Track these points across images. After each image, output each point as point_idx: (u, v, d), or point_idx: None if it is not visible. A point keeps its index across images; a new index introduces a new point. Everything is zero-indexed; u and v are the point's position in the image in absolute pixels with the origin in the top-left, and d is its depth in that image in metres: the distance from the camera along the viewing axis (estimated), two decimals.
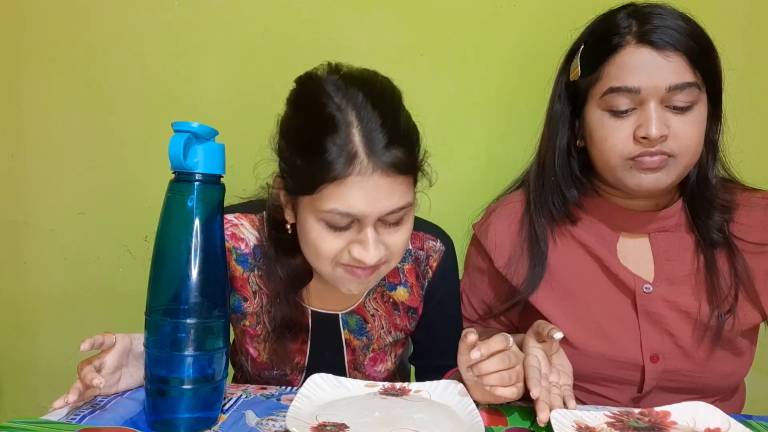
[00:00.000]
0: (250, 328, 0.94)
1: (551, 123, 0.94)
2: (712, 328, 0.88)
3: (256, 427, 0.72)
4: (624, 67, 0.82)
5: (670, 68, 0.80)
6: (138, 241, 1.49)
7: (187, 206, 0.69)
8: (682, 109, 0.81)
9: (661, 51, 0.80)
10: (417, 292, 0.96)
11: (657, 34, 0.80)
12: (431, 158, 0.86)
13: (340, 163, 0.71)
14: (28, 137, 1.47)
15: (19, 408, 1.56)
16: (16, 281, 1.52)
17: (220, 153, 0.71)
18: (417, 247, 0.95)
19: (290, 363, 0.96)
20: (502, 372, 0.73)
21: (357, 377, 0.96)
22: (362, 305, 0.95)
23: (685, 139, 0.81)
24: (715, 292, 0.88)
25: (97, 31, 1.42)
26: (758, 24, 1.32)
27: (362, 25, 1.39)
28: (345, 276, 0.79)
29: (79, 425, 0.69)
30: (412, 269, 0.95)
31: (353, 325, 0.95)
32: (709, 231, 0.89)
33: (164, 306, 0.70)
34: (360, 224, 0.75)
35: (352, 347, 0.96)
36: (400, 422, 0.71)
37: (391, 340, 0.97)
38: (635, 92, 0.81)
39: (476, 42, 1.39)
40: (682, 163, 0.83)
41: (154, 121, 1.45)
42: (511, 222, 0.98)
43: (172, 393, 0.70)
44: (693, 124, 0.82)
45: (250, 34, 1.41)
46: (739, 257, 0.89)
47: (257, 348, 0.95)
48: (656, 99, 0.80)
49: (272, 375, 0.97)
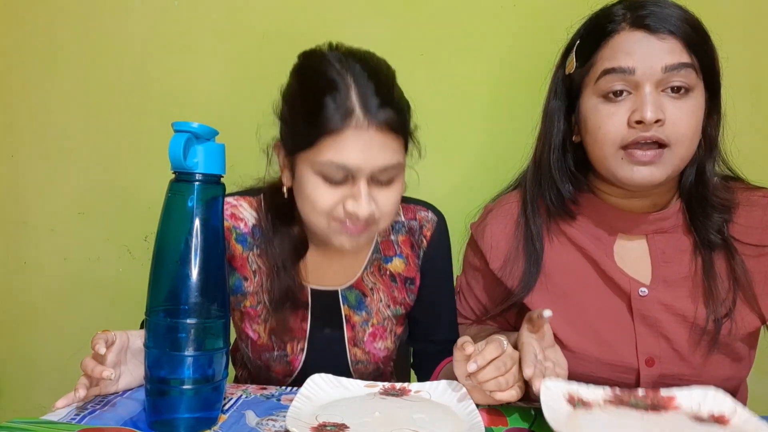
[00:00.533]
0: (250, 308, 0.95)
1: (547, 119, 0.94)
2: (709, 332, 0.86)
3: (256, 427, 0.72)
4: (618, 49, 0.81)
5: (665, 48, 0.79)
6: (138, 241, 1.49)
7: (187, 206, 0.70)
8: (678, 91, 0.79)
9: (656, 33, 0.79)
10: (413, 261, 0.98)
11: (651, 18, 0.80)
12: (430, 156, 0.87)
13: (338, 118, 0.77)
14: (28, 137, 1.47)
15: (19, 408, 1.56)
16: (16, 281, 1.52)
17: (220, 153, 0.71)
18: (409, 218, 0.99)
19: (290, 338, 0.96)
20: (499, 378, 0.75)
21: (357, 354, 0.98)
22: (360, 280, 0.97)
23: (680, 126, 0.80)
24: (713, 295, 0.87)
25: (97, 31, 1.42)
26: (758, 20, 1.32)
27: (362, 24, 1.39)
28: (338, 230, 0.83)
29: (79, 425, 0.69)
30: (406, 240, 0.98)
31: (352, 300, 0.97)
32: (708, 232, 0.88)
33: (164, 306, 0.70)
34: (354, 179, 0.80)
35: (352, 323, 0.97)
36: (399, 422, 0.71)
37: (390, 314, 0.98)
38: (629, 73, 0.79)
39: (476, 42, 1.39)
40: (678, 154, 0.81)
41: (154, 121, 1.45)
42: (507, 223, 0.98)
43: (172, 393, 0.70)
44: (689, 112, 0.80)
45: (250, 34, 1.41)
46: (737, 260, 0.88)
47: (257, 330, 0.96)
48: (651, 82, 0.79)
49: (273, 356, 0.97)
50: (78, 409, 0.73)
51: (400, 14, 1.39)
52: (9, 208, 1.49)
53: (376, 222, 0.84)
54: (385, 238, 0.99)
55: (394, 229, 0.99)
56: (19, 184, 1.49)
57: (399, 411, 0.75)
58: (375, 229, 0.86)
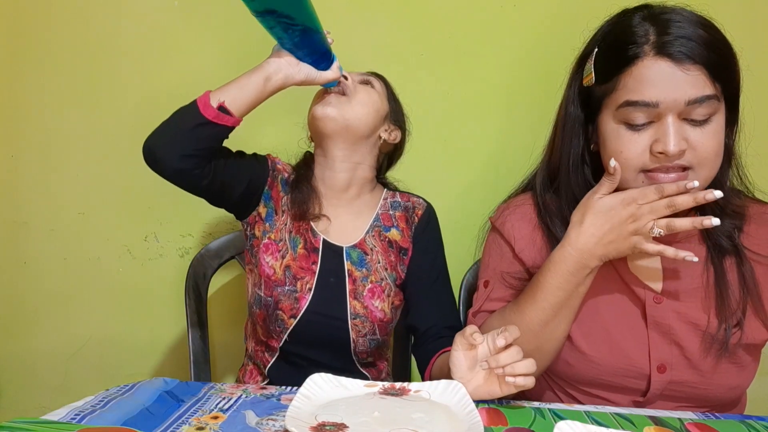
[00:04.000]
0: (273, 242, 1.09)
1: (565, 129, 0.92)
2: (720, 340, 0.86)
3: (256, 427, 0.72)
4: (642, 80, 0.79)
5: (689, 81, 0.77)
6: (138, 241, 1.49)
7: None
8: (700, 122, 0.79)
9: (680, 63, 0.77)
10: (407, 233, 1.13)
11: (676, 45, 0.77)
12: (430, 156, 0.87)
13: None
14: (28, 137, 1.47)
15: (19, 408, 1.56)
16: (16, 281, 1.52)
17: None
18: (404, 200, 1.16)
19: (300, 277, 1.07)
20: (518, 362, 0.79)
21: (356, 307, 1.06)
22: (363, 240, 1.11)
23: (702, 151, 0.79)
24: (724, 305, 0.87)
25: (97, 31, 1.42)
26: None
27: (362, 25, 1.39)
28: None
29: (79, 425, 0.69)
30: (402, 216, 1.15)
31: (355, 257, 1.10)
32: (719, 237, 0.88)
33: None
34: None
35: (353, 277, 1.08)
36: (399, 422, 0.71)
37: (386, 276, 1.09)
38: (653, 106, 0.79)
39: (476, 42, 1.39)
40: (701, 175, 0.81)
41: (154, 120, 1.44)
42: (525, 223, 0.98)
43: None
44: (711, 135, 0.79)
45: (250, 34, 1.41)
46: (747, 267, 0.87)
47: (273, 266, 1.07)
48: (674, 113, 0.78)
49: (283, 291, 1.06)
50: (78, 409, 0.73)
51: (400, 14, 1.39)
52: (9, 208, 1.50)
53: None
54: (385, 212, 1.14)
55: (393, 206, 1.15)
56: (19, 184, 1.49)
57: (398, 411, 0.75)
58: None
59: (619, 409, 0.83)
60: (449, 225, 1.24)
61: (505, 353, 0.79)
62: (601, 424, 0.76)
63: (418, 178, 1.35)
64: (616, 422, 0.77)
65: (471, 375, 0.82)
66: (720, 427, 0.78)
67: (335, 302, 1.06)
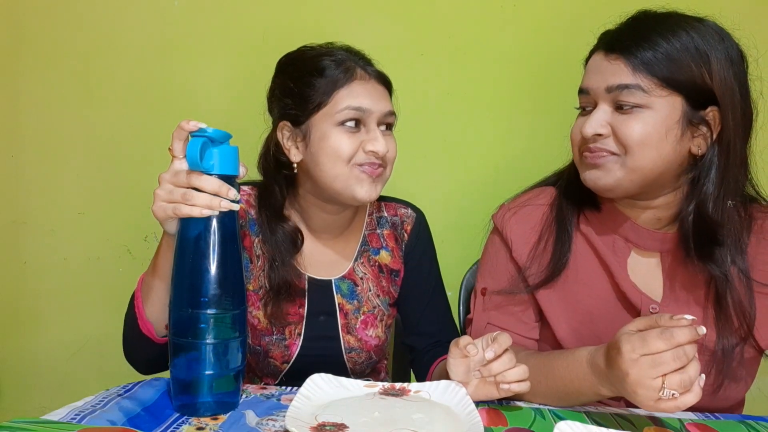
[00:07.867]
0: (253, 292, 1.01)
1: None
2: (717, 355, 0.85)
3: (256, 427, 0.72)
4: (587, 71, 0.89)
5: (610, 70, 0.83)
6: (138, 241, 1.49)
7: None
8: (626, 110, 0.82)
9: (608, 55, 0.84)
10: (397, 254, 1.08)
11: (611, 39, 0.85)
12: (430, 156, 0.87)
13: (343, 74, 0.92)
14: (28, 137, 1.47)
15: (19, 408, 1.56)
16: (16, 281, 1.52)
17: (234, 155, 0.75)
18: (391, 214, 1.09)
19: (288, 323, 1.01)
20: (511, 370, 0.78)
21: (350, 341, 1.03)
22: (352, 270, 1.05)
23: (622, 137, 0.82)
24: (722, 320, 0.86)
25: (97, 31, 1.42)
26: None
27: (362, 24, 1.39)
28: (360, 176, 0.92)
29: (79, 425, 0.69)
30: (390, 234, 1.08)
31: (345, 289, 1.04)
32: (712, 268, 0.85)
33: (187, 299, 0.73)
34: (367, 125, 0.93)
35: (345, 311, 1.03)
36: (399, 422, 0.71)
37: (378, 303, 1.05)
38: (585, 93, 0.87)
39: (476, 42, 1.39)
40: (628, 164, 0.82)
41: (154, 120, 1.45)
42: (531, 221, 0.97)
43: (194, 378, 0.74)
44: (634, 123, 0.81)
45: (250, 34, 1.41)
46: (739, 292, 0.86)
47: (256, 316, 1.01)
48: (604, 100, 0.84)
49: (272, 340, 1.01)
50: (78, 409, 0.73)
51: (400, 14, 1.39)
52: (9, 208, 1.50)
53: (387, 166, 0.95)
54: (372, 231, 1.07)
55: (380, 223, 1.08)
56: (19, 184, 1.49)
57: (398, 411, 0.75)
58: (385, 175, 0.96)
59: (619, 410, 0.83)
60: (448, 224, 1.24)
61: (497, 362, 0.78)
62: (601, 424, 0.76)
63: (417, 177, 1.35)
64: (616, 422, 0.77)
65: (468, 379, 0.82)
66: (720, 427, 0.78)
67: (328, 341, 1.02)
